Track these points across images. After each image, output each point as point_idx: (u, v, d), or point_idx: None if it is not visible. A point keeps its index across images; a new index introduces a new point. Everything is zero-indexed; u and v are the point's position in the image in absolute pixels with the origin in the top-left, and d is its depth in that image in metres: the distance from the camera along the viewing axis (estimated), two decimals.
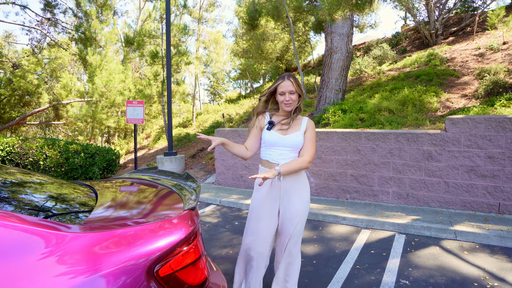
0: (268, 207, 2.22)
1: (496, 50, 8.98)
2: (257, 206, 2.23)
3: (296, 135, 2.19)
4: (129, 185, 1.95)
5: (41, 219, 1.10)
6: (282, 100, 2.16)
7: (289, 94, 2.14)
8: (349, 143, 5.39)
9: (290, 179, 2.20)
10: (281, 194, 2.22)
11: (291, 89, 2.13)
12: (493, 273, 2.97)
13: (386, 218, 4.35)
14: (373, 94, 8.48)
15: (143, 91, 14.56)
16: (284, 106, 2.17)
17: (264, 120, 2.29)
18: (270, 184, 2.21)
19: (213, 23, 22.16)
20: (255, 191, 2.30)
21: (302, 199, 2.24)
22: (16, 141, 7.96)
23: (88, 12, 14.04)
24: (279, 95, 2.18)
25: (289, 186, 2.22)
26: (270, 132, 2.20)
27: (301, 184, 2.27)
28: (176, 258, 1.14)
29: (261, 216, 2.21)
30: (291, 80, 2.15)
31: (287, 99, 2.14)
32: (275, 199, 2.23)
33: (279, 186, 2.20)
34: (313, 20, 13.90)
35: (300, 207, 2.22)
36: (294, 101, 2.17)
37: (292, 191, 2.21)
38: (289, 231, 2.21)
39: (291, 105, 2.17)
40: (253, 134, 2.30)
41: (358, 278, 2.96)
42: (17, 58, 17.37)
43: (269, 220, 2.22)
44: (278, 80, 2.18)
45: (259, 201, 2.23)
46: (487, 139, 4.45)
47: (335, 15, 5.73)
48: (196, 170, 8.61)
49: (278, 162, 2.17)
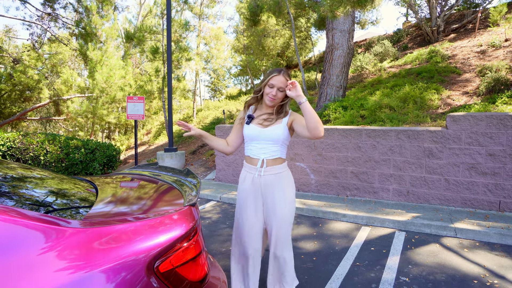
0: (252, 203, 2.14)
1: (498, 47, 8.93)
2: (243, 202, 2.16)
3: (276, 127, 2.08)
4: (130, 181, 1.95)
5: (41, 213, 1.09)
6: (268, 92, 2.07)
7: (277, 90, 2.06)
8: (350, 140, 5.38)
9: (272, 175, 2.10)
10: (262, 191, 2.12)
11: (282, 86, 2.05)
12: (493, 270, 2.97)
13: (386, 215, 4.35)
14: (374, 91, 8.45)
15: (143, 87, 14.54)
16: (267, 99, 2.08)
17: (244, 114, 2.23)
18: (252, 180, 2.12)
19: (214, 19, 22.09)
20: (240, 184, 2.23)
21: (287, 199, 2.12)
22: (17, 136, 7.96)
23: (89, 7, 13.99)
24: (267, 87, 2.08)
25: (271, 183, 2.11)
26: (249, 126, 2.12)
27: (284, 181, 2.14)
28: (176, 254, 1.13)
29: (248, 212, 2.13)
30: (286, 77, 2.07)
31: (273, 93, 2.05)
32: (257, 196, 2.14)
33: (259, 183, 2.10)
34: (314, 17, 13.84)
35: (285, 210, 2.10)
36: (278, 98, 2.08)
37: (275, 189, 2.11)
38: (274, 234, 2.10)
39: (274, 101, 2.08)
40: (235, 129, 2.24)
41: (358, 275, 2.96)
42: (18, 53, 17.33)
43: (256, 216, 2.14)
44: (273, 72, 2.09)
45: (244, 196, 2.16)
46: (488, 136, 4.44)
47: (336, 12, 5.70)
48: (196, 166, 8.61)
49: (259, 157, 2.09)
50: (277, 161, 2.12)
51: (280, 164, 2.14)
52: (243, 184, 2.17)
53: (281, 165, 2.14)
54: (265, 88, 2.09)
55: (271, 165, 2.10)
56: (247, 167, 2.17)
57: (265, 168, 2.09)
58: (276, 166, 2.11)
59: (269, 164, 2.10)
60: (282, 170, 2.14)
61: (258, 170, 2.10)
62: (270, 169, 2.09)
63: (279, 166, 2.13)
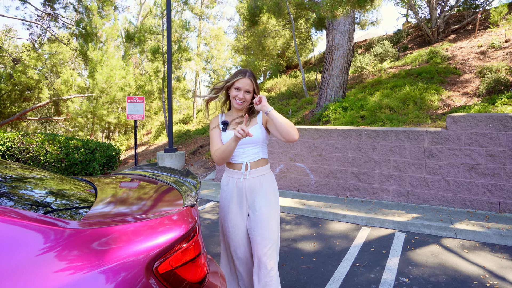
0: (237, 207, 2.07)
1: (498, 48, 8.93)
2: (227, 207, 2.08)
3: (254, 129, 2.04)
4: (129, 181, 1.94)
5: (40, 214, 1.09)
6: (235, 95, 2.01)
7: (245, 93, 2.00)
8: (350, 141, 5.38)
9: (256, 178, 2.04)
10: (247, 194, 2.05)
11: (249, 88, 2.01)
12: (493, 271, 2.97)
13: (386, 216, 4.35)
14: (374, 92, 8.45)
15: (143, 87, 14.54)
16: (235, 102, 2.03)
17: (218, 121, 2.14)
18: (235, 184, 2.06)
19: (214, 20, 22.08)
20: (223, 189, 2.14)
21: (271, 202, 2.06)
22: (17, 136, 7.96)
23: (89, 7, 13.99)
24: (234, 90, 2.02)
25: (255, 185, 2.05)
26: (226, 133, 2.05)
27: (268, 183, 2.09)
28: (175, 255, 1.13)
29: (233, 216, 2.06)
30: (251, 79, 2.02)
31: (241, 96, 1.99)
32: (241, 200, 2.07)
33: (243, 186, 2.04)
34: (314, 17, 13.83)
35: (271, 212, 2.03)
36: (247, 101, 2.04)
37: (260, 192, 2.05)
38: (259, 238, 1.99)
39: (243, 105, 2.03)
40: (217, 136, 2.09)
41: (358, 275, 2.96)
42: (18, 53, 17.33)
43: (242, 220, 2.07)
44: (238, 75, 2.02)
45: (228, 201, 2.09)
46: (488, 137, 4.43)
47: (336, 12, 5.70)
48: (196, 166, 8.61)
49: (242, 162, 2.04)
50: (260, 163, 2.08)
51: (263, 165, 2.09)
52: (226, 188, 2.11)
53: (264, 167, 2.09)
54: (231, 90, 2.04)
55: (254, 167, 2.05)
56: (230, 172, 2.11)
57: (249, 171, 2.03)
58: (260, 168, 2.07)
59: (253, 167, 2.05)
60: (265, 171, 2.09)
61: (243, 174, 2.03)
62: (254, 172, 2.05)
63: (262, 168, 2.08)
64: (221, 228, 2.16)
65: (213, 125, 2.14)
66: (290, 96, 12.36)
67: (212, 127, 2.14)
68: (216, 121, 2.16)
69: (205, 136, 11.84)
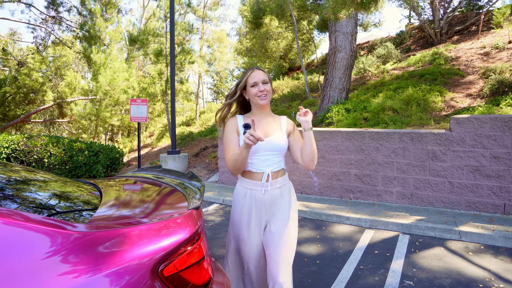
0: (256, 223, 1.84)
1: (501, 49, 8.89)
2: (243, 223, 1.85)
3: (279, 135, 1.85)
4: (133, 184, 1.95)
5: (47, 217, 1.10)
6: (255, 92, 1.80)
7: (263, 84, 1.81)
8: (353, 143, 5.37)
9: (277, 189, 1.85)
10: (267, 208, 1.84)
11: (264, 78, 1.82)
12: (498, 274, 2.94)
13: (390, 218, 4.33)
14: (377, 93, 8.43)
15: (146, 89, 14.61)
16: (258, 99, 1.81)
17: (236, 123, 1.88)
18: (255, 198, 1.83)
19: (217, 22, 22.17)
20: (237, 202, 1.89)
21: (292, 216, 1.88)
22: (21, 139, 8.01)
23: (93, 10, 14.09)
24: (250, 88, 1.82)
25: (275, 198, 1.85)
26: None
27: (289, 194, 1.91)
28: (180, 258, 1.13)
29: (251, 233, 1.84)
30: (262, 69, 1.86)
31: (261, 89, 1.79)
32: (260, 215, 1.85)
33: (263, 199, 1.83)
34: (317, 19, 13.85)
35: (290, 227, 1.84)
36: (269, 92, 1.84)
37: (281, 205, 1.86)
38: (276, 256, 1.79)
39: (267, 97, 1.83)
40: (234, 142, 1.83)
41: (362, 278, 2.94)
42: (22, 56, 17.47)
43: (259, 237, 1.85)
44: (246, 72, 1.86)
45: (245, 216, 1.85)
46: (492, 139, 4.41)
47: (339, 14, 5.70)
48: (199, 168, 8.62)
49: (263, 171, 1.82)
50: (280, 173, 1.89)
51: (283, 175, 1.91)
52: (243, 202, 1.86)
53: (284, 177, 1.91)
54: (247, 90, 1.85)
55: (276, 178, 1.86)
56: (247, 183, 1.86)
57: (271, 182, 1.82)
58: (280, 179, 1.88)
59: (274, 177, 1.85)
60: (285, 182, 1.91)
61: (264, 185, 1.81)
62: (275, 183, 1.84)
63: (283, 178, 1.90)
64: (231, 243, 1.91)
65: (230, 128, 1.87)
66: (292, 98, 12.36)
67: (228, 130, 1.87)
68: (233, 123, 1.88)
69: (208, 138, 11.86)
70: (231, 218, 1.93)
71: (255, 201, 1.83)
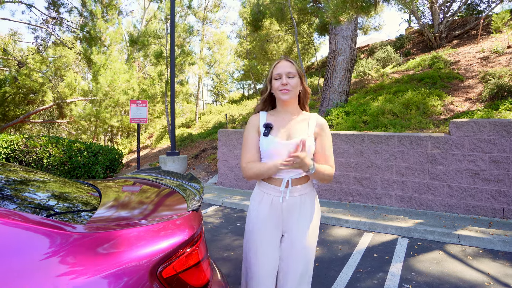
0: (271, 233, 1.67)
1: (500, 53, 8.93)
2: (258, 232, 1.67)
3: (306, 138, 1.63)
4: (133, 185, 1.95)
5: (47, 218, 1.09)
6: (277, 86, 1.62)
7: (287, 77, 1.61)
8: (352, 146, 5.38)
9: (297, 198, 1.65)
10: (284, 217, 1.66)
11: (289, 70, 1.61)
12: (497, 278, 2.94)
13: (389, 222, 4.33)
14: (377, 97, 8.45)
15: (146, 91, 14.61)
16: (280, 93, 1.62)
17: (258, 121, 1.71)
18: (271, 203, 1.66)
19: (218, 24, 22.22)
20: (254, 207, 1.72)
21: (312, 228, 1.67)
22: (20, 139, 8.00)
23: (94, 12, 14.13)
24: (274, 81, 1.64)
25: (294, 207, 1.65)
26: (268, 138, 1.62)
27: (311, 204, 1.69)
28: (179, 260, 1.13)
29: (264, 245, 1.66)
30: (291, 61, 1.65)
31: (284, 82, 1.59)
32: (277, 224, 1.67)
33: (280, 208, 1.65)
34: (317, 22, 13.90)
35: (309, 240, 1.65)
36: (293, 87, 1.61)
37: (300, 215, 1.66)
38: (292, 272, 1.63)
39: (289, 92, 1.61)
40: (254, 142, 1.68)
41: (361, 281, 2.94)
42: (23, 56, 17.48)
43: (273, 250, 1.66)
44: (274, 64, 1.69)
45: (260, 224, 1.67)
46: (491, 143, 4.42)
47: (340, 18, 5.72)
48: (198, 170, 8.61)
49: (282, 177, 1.63)
50: (302, 179, 1.68)
51: (306, 182, 1.70)
52: (259, 207, 1.68)
53: (307, 184, 1.70)
54: (272, 83, 1.66)
55: (296, 185, 1.65)
56: (265, 187, 1.68)
57: (290, 189, 1.63)
58: (302, 186, 1.67)
59: (294, 184, 1.65)
60: (307, 189, 1.69)
61: (283, 192, 1.63)
62: (295, 190, 1.65)
63: (305, 185, 1.68)
64: (246, 260, 1.71)
65: (250, 125, 1.71)
66: None
67: (249, 128, 1.70)
68: (255, 121, 1.71)
69: (207, 140, 11.86)
70: (246, 228, 1.73)
71: (272, 209, 1.66)
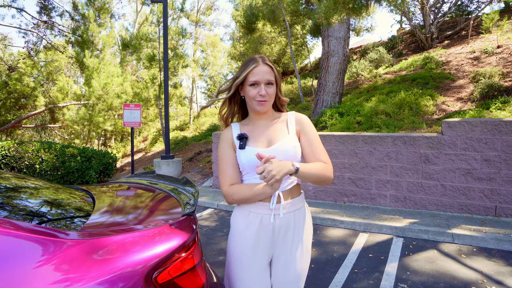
0: (261, 258, 1.41)
1: (490, 53, 9.06)
2: (245, 258, 1.40)
3: (288, 140, 1.41)
4: (127, 190, 1.94)
5: (39, 225, 1.08)
6: (253, 95, 1.37)
7: (266, 86, 1.37)
8: (347, 146, 5.40)
9: (290, 215, 1.41)
10: (275, 238, 1.41)
11: (269, 78, 1.37)
12: (490, 276, 2.97)
13: (383, 222, 4.36)
14: (370, 97, 8.51)
15: (140, 94, 14.55)
16: (256, 105, 1.39)
17: (231, 134, 1.46)
18: (259, 225, 1.40)
19: (211, 26, 22.23)
20: (239, 232, 1.43)
21: (306, 248, 1.46)
22: (12, 145, 7.90)
23: (86, 15, 14.04)
24: (249, 87, 1.38)
25: (288, 225, 1.41)
26: (245, 150, 1.39)
27: (302, 222, 1.46)
28: (174, 265, 1.13)
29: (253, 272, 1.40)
30: (269, 63, 1.39)
31: (263, 93, 1.35)
32: (267, 247, 1.41)
33: (272, 228, 1.40)
34: (310, 24, 13.98)
35: (302, 263, 1.44)
36: (271, 96, 1.39)
37: (294, 234, 1.42)
38: None
39: (267, 104, 1.39)
40: (230, 161, 1.43)
41: (357, 282, 2.95)
42: (13, 61, 17.30)
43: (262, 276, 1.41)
44: (248, 64, 1.38)
45: (247, 249, 1.40)
46: (483, 142, 4.47)
47: (331, 19, 5.76)
48: (193, 173, 8.58)
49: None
50: (294, 191, 1.45)
51: (298, 195, 1.47)
52: (245, 233, 1.41)
53: (299, 198, 1.47)
54: (245, 88, 1.40)
55: (288, 199, 1.41)
56: (250, 206, 1.42)
57: (282, 205, 1.39)
58: (294, 200, 1.44)
59: (286, 198, 1.41)
60: (300, 204, 1.47)
61: (274, 209, 1.37)
62: (287, 206, 1.40)
63: (297, 199, 1.45)
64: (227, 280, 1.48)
65: (224, 142, 1.47)
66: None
67: (223, 145, 1.47)
68: (227, 135, 1.47)
69: (202, 142, 11.83)
70: (229, 251, 1.47)
71: (260, 227, 1.39)
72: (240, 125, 1.50)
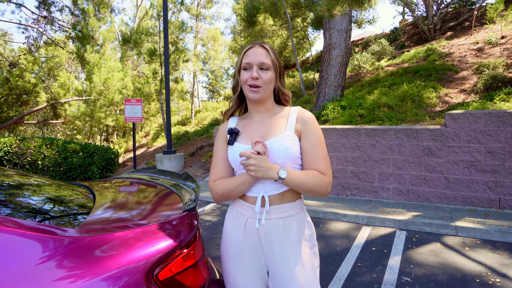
0: (250, 263, 1.28)
1: (494, 44, 8.95)
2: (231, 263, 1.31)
3: (282, 137, 1.24)
4: (128, 186, 1.93)
5: (37, 222, 1.07)
6: (245, 79, 1.23)
7: (258, 69, 1.23)
8: (349, 140, 5.37)
9: (278, 221, 1.24)
10: (263, 246, 1.25)
11: (263, 60, 1.23)
12: (494, 268, 2.96)
13: (386, 215, 4.34)
14: (372, 90, 8.45)
15: (141, 89, 14.52)
16: (248, 91, 1.24)
17: (226, 129, 1.35)
18: (244, 226, 1.27)
19: (211, 20, 22.08)
20: (227, 230, 1.35)
21: (306, 261, 1.23)
22: (14, 141, 7.92)
23: (86, 10, 13.96)
24: (242, 72, 1.26)
25: (276, 233, 1.23)
26: (234, 147, 1.26)
27: (297, 231, 1.25)
28: (176, 261, 1.11)
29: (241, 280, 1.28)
30: (265, 46, 1.26)
31: (254, 75, 1.21)
32: (255, 253, 1.27)
33: (257, 234, 1.25)
34: (311, 16, 13.84)
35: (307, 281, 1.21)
36: (266, 82, 1.23)
37: (283, 247, 1.23)
38: None
39: (260, 90, 1.24)
40: (222, 155, 1.33)
41: (360, 275, 2.95)
42: (14, 57, 17.28)
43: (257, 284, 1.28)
44: (244, 48, 1.29)
45: (234, 252, 1.30)
46: (487, 134, 4.43)
47: (334, 11, 5.69)
48: (195, 168, 8.59)
49: (256, 194, 1.25)
50: (286, 196, 1.26)
51: (292, 201, 1.28)
52: (233, 236, 1.31)
53: (294, 203, 1.28)
54: (241, 74, 1.27)
55: (277, 204, 1.25)
56: (238, 203, 1.31)
57: (267, 210, 1.23)
58: (286, 205, 1.25)
59: (274, 202, 1.24)
60: (294, 210, 1.27)
61: (258, 213, 1.22)
62: (275, 210, 1.24)
63: (290, 204, 1.26)
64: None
65: (219, 136, 1.37)
66: None
67: (217, 139, 1.37)
68: (223, 129, 1.38)
69: (203, 137, 11.82)
70: (221, 253, 1.38)
71: (246, 231, 1.26)
72: (238, 119, 1.39)
